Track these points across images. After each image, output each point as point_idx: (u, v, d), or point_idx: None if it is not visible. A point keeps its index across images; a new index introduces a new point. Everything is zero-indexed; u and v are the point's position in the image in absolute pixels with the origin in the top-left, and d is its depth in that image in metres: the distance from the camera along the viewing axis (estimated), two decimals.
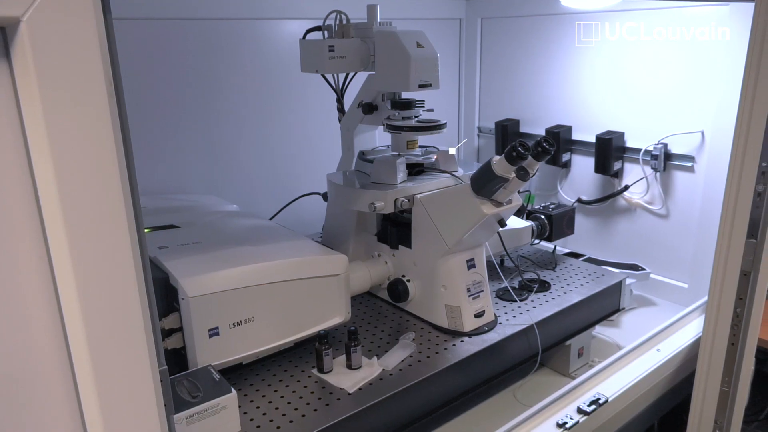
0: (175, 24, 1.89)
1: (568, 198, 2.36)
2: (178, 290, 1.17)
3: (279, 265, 1.29)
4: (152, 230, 1.46)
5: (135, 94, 1.85)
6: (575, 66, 2.26)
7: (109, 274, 0.55)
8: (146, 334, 0.60)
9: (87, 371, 0.54)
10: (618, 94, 2.16)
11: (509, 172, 1.27)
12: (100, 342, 0.55)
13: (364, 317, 1.57)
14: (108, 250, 0.55)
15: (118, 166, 0.53)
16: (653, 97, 2.06)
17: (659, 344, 1.74)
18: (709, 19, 1.86)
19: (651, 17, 2.00)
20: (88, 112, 0.49)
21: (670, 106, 2.02)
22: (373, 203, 1.41)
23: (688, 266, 2.08)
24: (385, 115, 1.57)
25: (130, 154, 0.64)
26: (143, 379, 0.59)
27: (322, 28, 1.54)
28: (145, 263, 0.67)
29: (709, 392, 1.49)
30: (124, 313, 0.57)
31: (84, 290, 0.53)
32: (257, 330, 1.26)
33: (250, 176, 2.13)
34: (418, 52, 1.42)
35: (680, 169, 2.04)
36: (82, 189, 0.51)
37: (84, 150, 0.50)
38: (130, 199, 0.60)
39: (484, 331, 1.47)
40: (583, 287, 1.72)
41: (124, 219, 0.55)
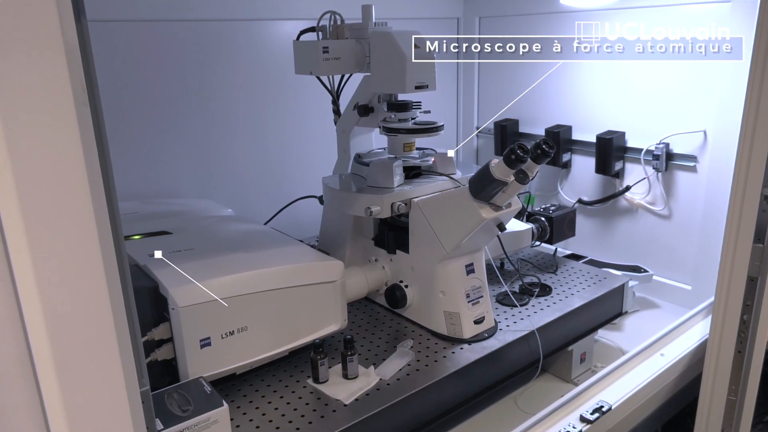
0: (168, 26, 1.85)
1: (568, 199, 2.33)
2: (168, 300, 1.13)
3: (272, 272, 1.25)
4: (144, 237, 1.43)
5: (129, 98, 1.81)
6: (575, 65, 2.22)
7: (77, 288, 0.51)
8: (122, 351, 0.57)
9: (55, 396, 0.51)
10: (618, 93, 2.13)
11: (508, 176, 1.23)
12: (68, 361, 0.51)
13: (362, 324, 1.53)
14: (76, 261, 0.51)
15: (86, 174, 0.49)
16: (654, 96, 2.03)
17: (663, 348, 1.70)
18: (709, 18, 1.83)
19: (651, 15, 1.97)
20: (52, 119, 0.46)
21: (671, 105, 1.99)
22: (369, 208, 1.38)
23: (691, 268, 2.04)
24: (381, 117, 1.54)
25: (107, 161, 0.60)
26: (118, 401, 0.56)
27: (316, 29, 1.51)
28: (124, 275, 0.64)
29: (716, 401, 1.45)
30: (96, 329, 0.54)
31: (49, 306, 0.49)
32: (250, 340, 1.23)
33: (245, 179, 2.10)
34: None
35: (682, 169, 2.01)
36: (46, 196, 0.48)
37: (48, 158, 0.47)
38: (105, 207, 0.56)
39: (484, 337, 1.43)
40: (584, 291, 1.68)
41: (93, 227, 0.51)
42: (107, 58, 1.74)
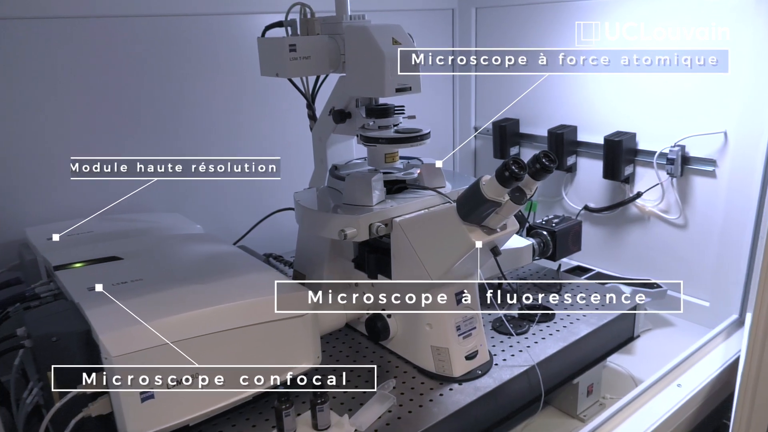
0: (131, 22, 1.67)
1: (573, 205, 2.15)
2: (100, 348, 0.96)
3: (228, 309, 1.08)
4: (87, 264, 1.26)
5: (91, 101, 1.64)
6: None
7: None
8: None
9: None
10: (628, 90, 1.94)
11: (502, 195, 1.05)
12: None
13: (340, 356, 1.36)
14: None
15: None
16: (669, 94, 1.84)
17: (680, 378, 1.53)
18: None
19: (654, 4, 1.78)
20: None
21: (688, 104, 1.80)
22: (343, 230, 1.19)
23: (709, 282, 1.86)
24: (360, 123, 1.36)
25: None
26: None
27: (284, 24, 1.33)
28: None
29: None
30: None
31: None
32: (202, 388, 1.06)
33: (219, 190, 1.92)
34: (394, 50, 1.20)
35: (700, 173, 1.82)
36: None
37: None
38: None
39: (477, 375, 1.26)
40: (592, 315, 1.50)
41: None
42: (67, 56, 1.58)
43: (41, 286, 1.29)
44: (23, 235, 1.50)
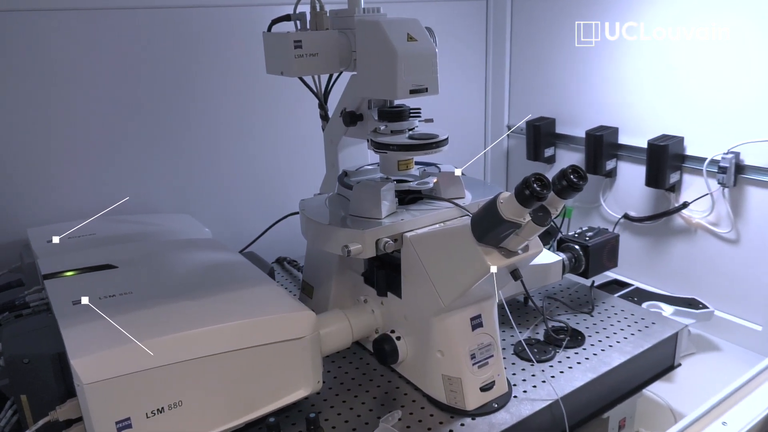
0: (142, 15, 1.60)
1: (612, 213, 1.98)
2: (73, 374, 0.88)
3: (217, 332, 0.99)
4: (79, 273, 1.18)
5: (101, 99, 1.58)
6: (622, 54, 1.87)
7: None
8: None
9: None
10: (676, 89, 1.77)
11: (522, 215, 0.92)
12: None
13: (345, 379, 1.26)
14: None
15: None
16: (722, 95, 1.66)
17: (726, 414, 1.37)
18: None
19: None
20: None
21: (743, 106, 1.62)
22: (347, 246, 1.09)
23: (762, 303, 1.68)
24: (372, 126, 1.24)
25: None
26: None
27: (292, 18, 1.22)
28: None
29: None
30: None
31: None
32: (187, 417, 0.97)
33: (231, 191, 1.85)
34: (408, 48, 1.08)
35: (755, 184, 1.64)
36: None
37: None
38: None
39: (492, 409, 1.14)
40: (627, 341, 1.36)
41: None
42: (72, 53, 1.51)
43: (34, 293, 1.23)
44: (26, 235, 1.45)
